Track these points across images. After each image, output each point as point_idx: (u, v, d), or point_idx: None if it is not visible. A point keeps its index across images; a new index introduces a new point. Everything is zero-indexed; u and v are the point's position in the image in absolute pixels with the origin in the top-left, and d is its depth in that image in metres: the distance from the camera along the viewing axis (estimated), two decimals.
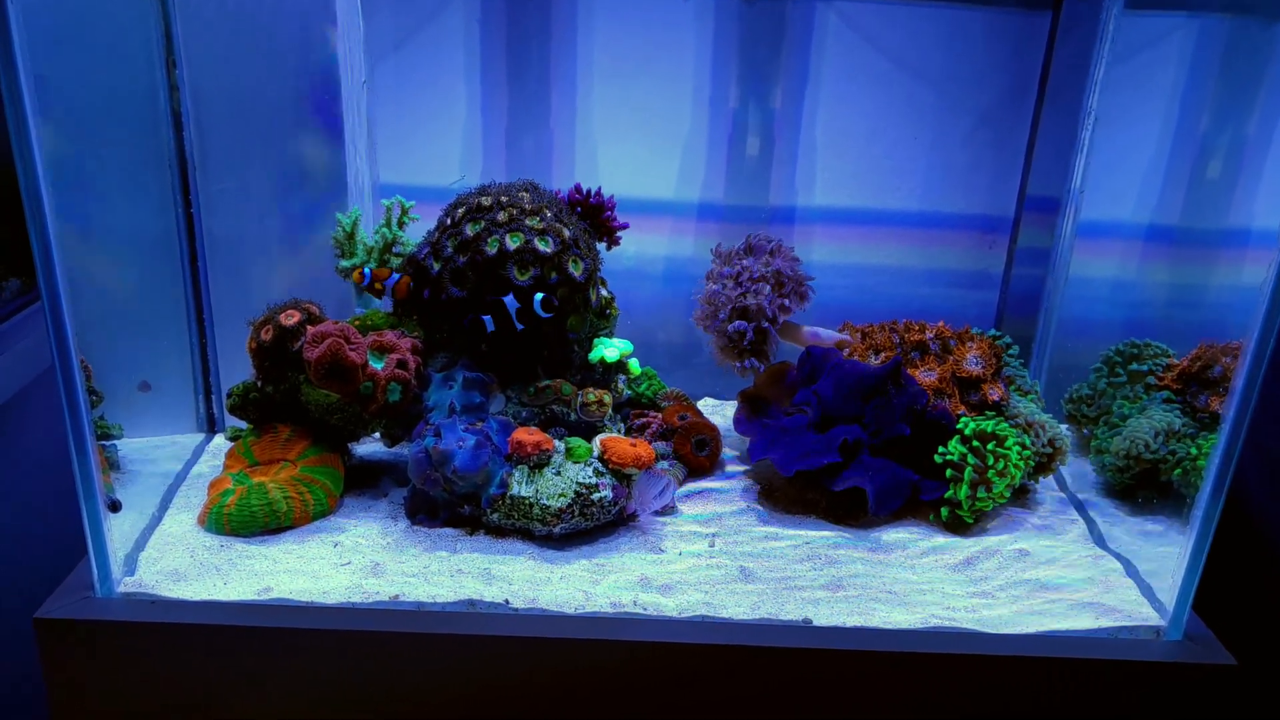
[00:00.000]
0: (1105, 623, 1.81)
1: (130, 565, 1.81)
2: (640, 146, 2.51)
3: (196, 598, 1.73)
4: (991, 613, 1.82)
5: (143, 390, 2.25)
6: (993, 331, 2.47)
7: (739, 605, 1.78)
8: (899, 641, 1.72)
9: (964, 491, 2.03)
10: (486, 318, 1.98)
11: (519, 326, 1.98)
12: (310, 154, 2.36)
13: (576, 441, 1.98)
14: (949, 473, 2.06)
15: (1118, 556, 2.02)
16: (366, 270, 2.13)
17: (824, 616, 1.78)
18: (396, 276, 2.13)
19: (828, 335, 2.42)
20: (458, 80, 2.47)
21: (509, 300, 2.01)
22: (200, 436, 2.37)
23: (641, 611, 1.76)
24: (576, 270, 2.04)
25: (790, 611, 1.78)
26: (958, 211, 2.65)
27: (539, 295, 1.95)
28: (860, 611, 1.80)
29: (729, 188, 2.63)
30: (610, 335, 2.25)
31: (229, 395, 2.09)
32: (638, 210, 2.29)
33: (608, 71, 2.49)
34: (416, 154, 2.57)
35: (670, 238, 2.67)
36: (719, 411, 2.56)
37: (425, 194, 2.27)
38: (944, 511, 2.06)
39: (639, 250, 2.52)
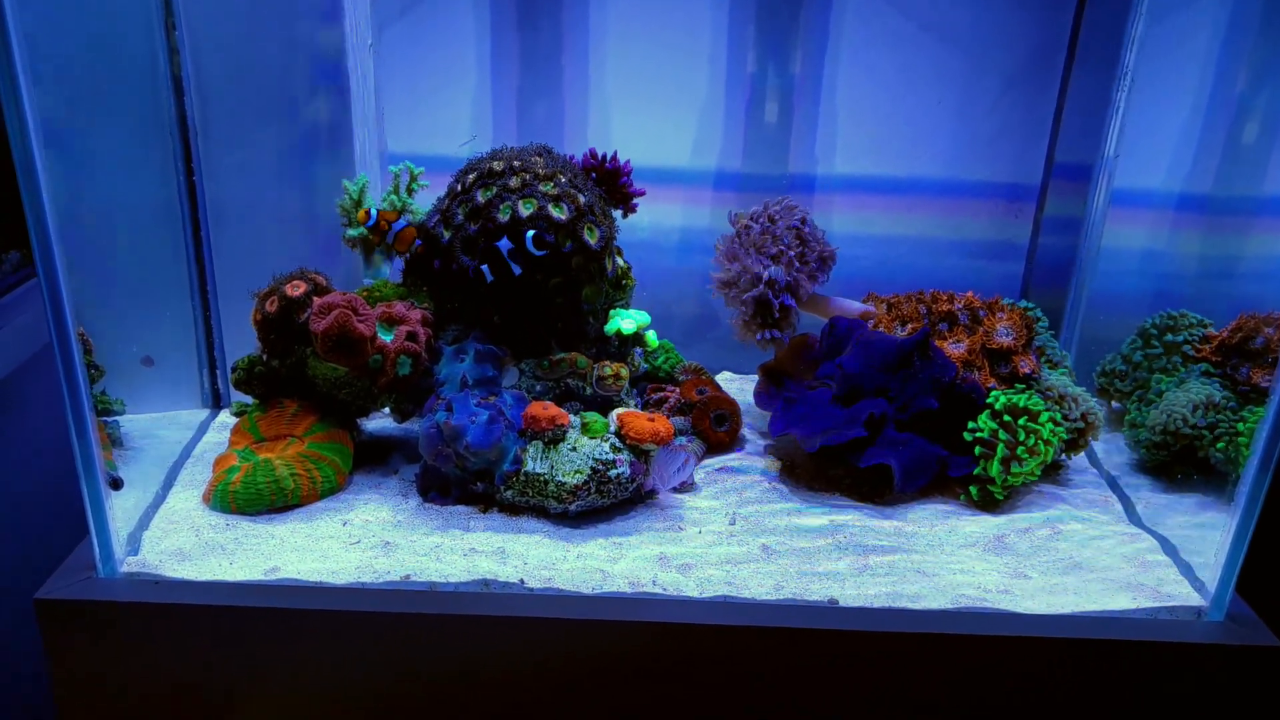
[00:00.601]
0: (1144, 603, 1.76)
1: (133, 544, 1.78)
2: (655, 113, 2.49)
3: (201, 578, 1.70)
4: (1024, 593, 1.77)
5: (146, 365, 2.21)
6: (1023, 303, 2.42)
7: (761, 585, 1.74)
8: (929, 622, 1.68)
9: (995, 468, 1.97)
10: (485, 267, 1.93)
11: (516, 270, 1.93)
12: (316, 120, 2.33)
13: (592, 416, 1.94)
14: (979, 449, 1.99)
15: (1154, 535, 1.97)
16: (373, 211, 2.07)
17: (850, 597, 1.73)
18: (404, 221, 2.09)
19: (852, 306, 2.37)
20: (467, 46, 2.43)
21: (502, 244, 1.95)
22: (205, 412, 2.34)
23: (661, 591, 1.72)
24: (592, 238, 1.99)
25: (815, 592, 1.74)
26: (982, 179, 2.60)
27: (530, 232, 1.89)
28: (888, 591, 1.75)
29: (747, 156, 2.59)
30: (627, 306, 2.21)
31: (234, 369, 2.05)
32: (652, 179, 2.25)
33: (622, 35, 2.44)
34: (425, 122, 2.53)
35: (686, 208, 2.63)
36: (738, 386, 2.52)
37: (434, 163, 2.24)
38: (974, 489, 2.02)
39: (653, 221, 2.49)
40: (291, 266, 2.03)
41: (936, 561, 1.85)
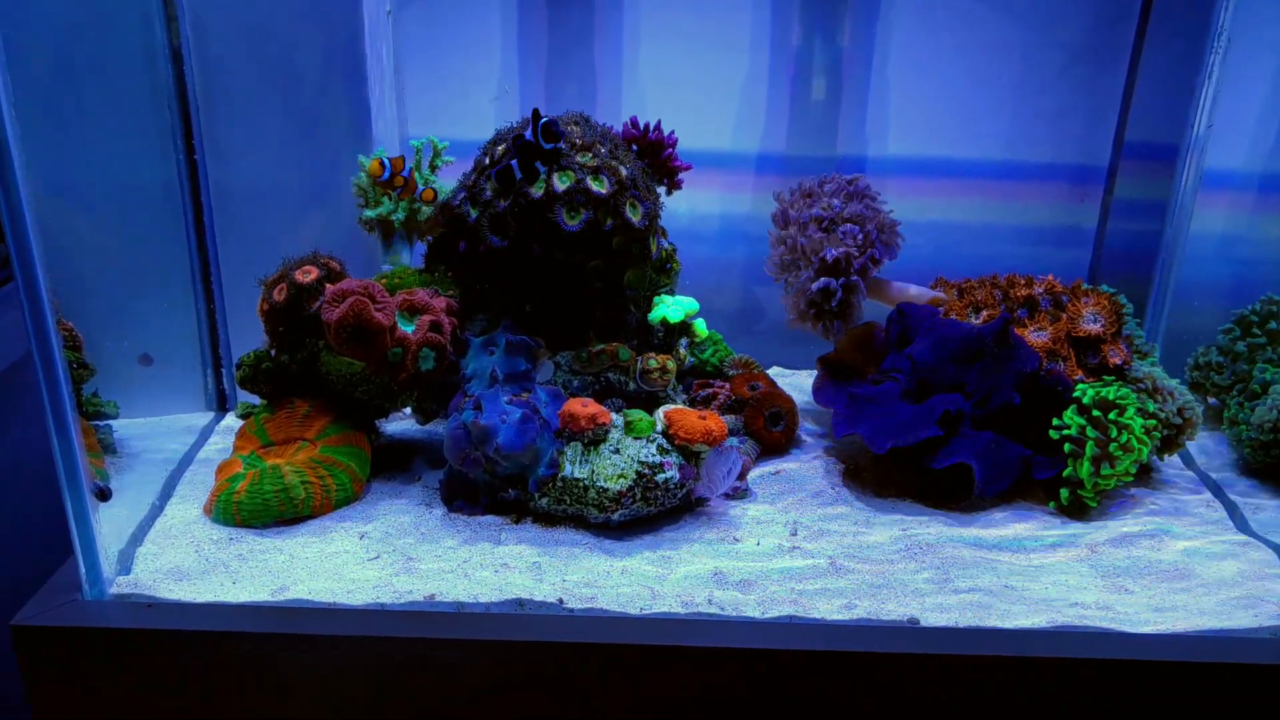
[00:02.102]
0: (1266, 621, 1.61)
1: (125, 563, 1.70)
2: (694, 92, 2.42)
3: (201, 599, 1.62)
4: (1128, 610, 1.64)
5: (143, 364, 2.15)
6: (1105, 288, 2.25)
7: (831, 604, 1.64)
8: (1023, 644, 1.56)
9: (1085, 469, 1.84)
10: (514, 163, 1.83)
11: (517, 174, 1.83)
12: (329, 92, 2.24)
13: (637, 414, 1.85)
14: (1067, 447, 1.87)
15: (1267, 544, 1.83)
16: (385, 160, 2.00)
17: (932, 616, 1.62)
18: (410, 168, 2.00)
19: (919, 292, 2.24)
20: (493, 23, 2.38)
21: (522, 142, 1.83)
22: (209, 415, 2.27)
23: (718, 612, 1.62)
24: (634, 215, 1.90)
25: (892, 610, 1.63)
26: (1045, 161, 2.51)
27: (541, 120, 1.79)
28: (974, 609, 1.64)
29: (791, 136, 2.51)
30: (672, 293, 2.12)
31: (238, 366, 1.97)
32: (691, 163, 2.18)
33: (658, 8, 2.38)
34: (447, 105, 2.43)
35: (726, 193, 2.56)
36: (790, 381, 2.43)
37: (457, 150, 2.20)
38: (1063, 493, 1.89)
39: (691, 207, 2.40)
40: (303, 252, 1.96)
41: (1025, 575, 1.73)
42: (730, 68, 2.44)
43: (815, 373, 2.24)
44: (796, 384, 2.40)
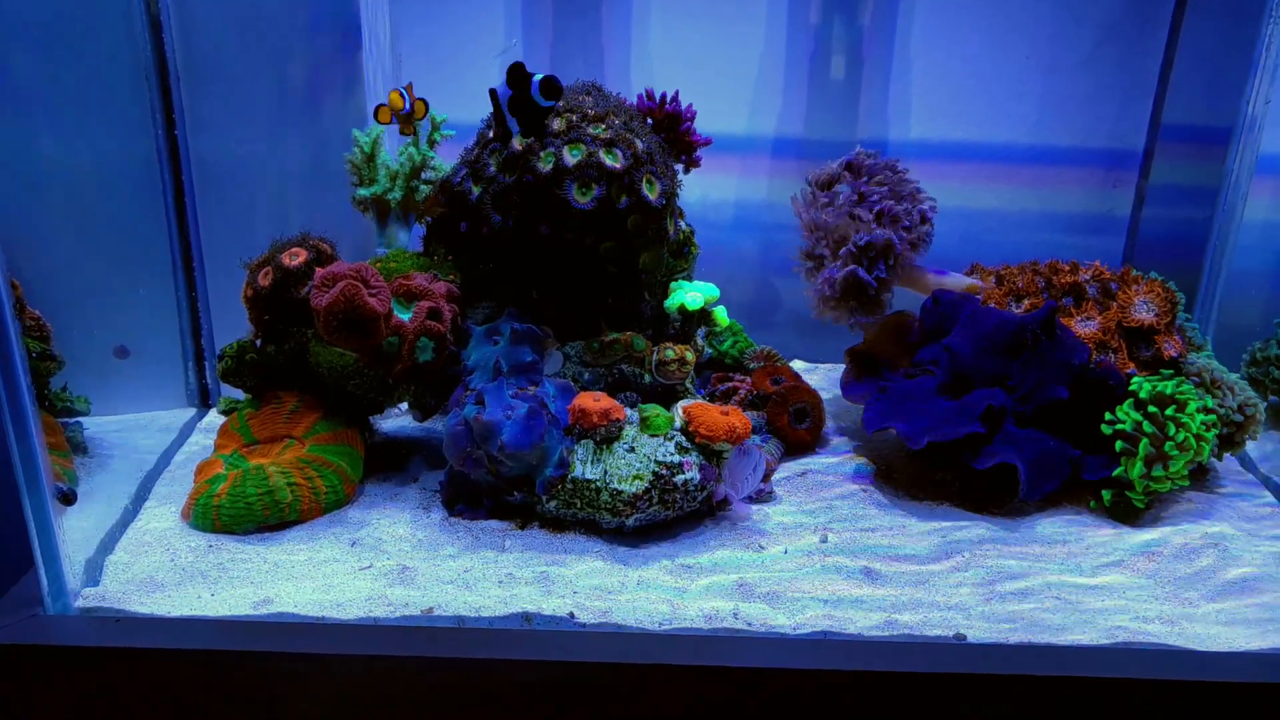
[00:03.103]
0: None
1: (93, 573, 1.65)
2: (706, 72, 2.37)
3: (176, 613, 1.57)
4: (1194, 625, 1.57)
5: (119, 356, 2.11)
6: (1154, 274, 2.18)
7: (868, 617, 1.59)
8: (1081, 662, 1.49)
9: (1138, 469, 1.78)
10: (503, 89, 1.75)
11: (514, 130, 1.75)
12: (321, 64, 2.19)
13: (653, 410, 1.81)
14: (1120, 445, 1.81)
15: None
16: (404, 92, 1.98)
17: (979, 631, 1.56)
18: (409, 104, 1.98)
19: (955, 280, 2.16)
20: None
21: (501, 90, 1.74)
22: (190, 412, 2.23)
23: (745, 627, 1.57)
24: (651, 192, 1.84)
25: (935, 625, 1.58)
26: (1076, 145, 2.50)
27: (538, 76, 1.70)
28: (1025, 624, 1.58)
29: (810, 119, 2.49)
30: (689, 278, 2.08)
31: (220, 358, 1.93)
32: (704, 148, 2.13)
33: None
34: (446, 82, 2.35)
35: (741, 179, 2.55)
36: (811, 377, 2.39)
37: (459, 134, 2.16)
38: (1107, 494, 1.84)
39: (704, 194, 2.39)
40: (292, 235, 1.91)
41: (1078, 585, 1.68)
42: (745, 45, 2.43)
43: (841, 367, 2.20)
44: (818, 378, 2.37)
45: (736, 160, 2.51)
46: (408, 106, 1.94)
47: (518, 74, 1.70)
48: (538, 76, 1.71)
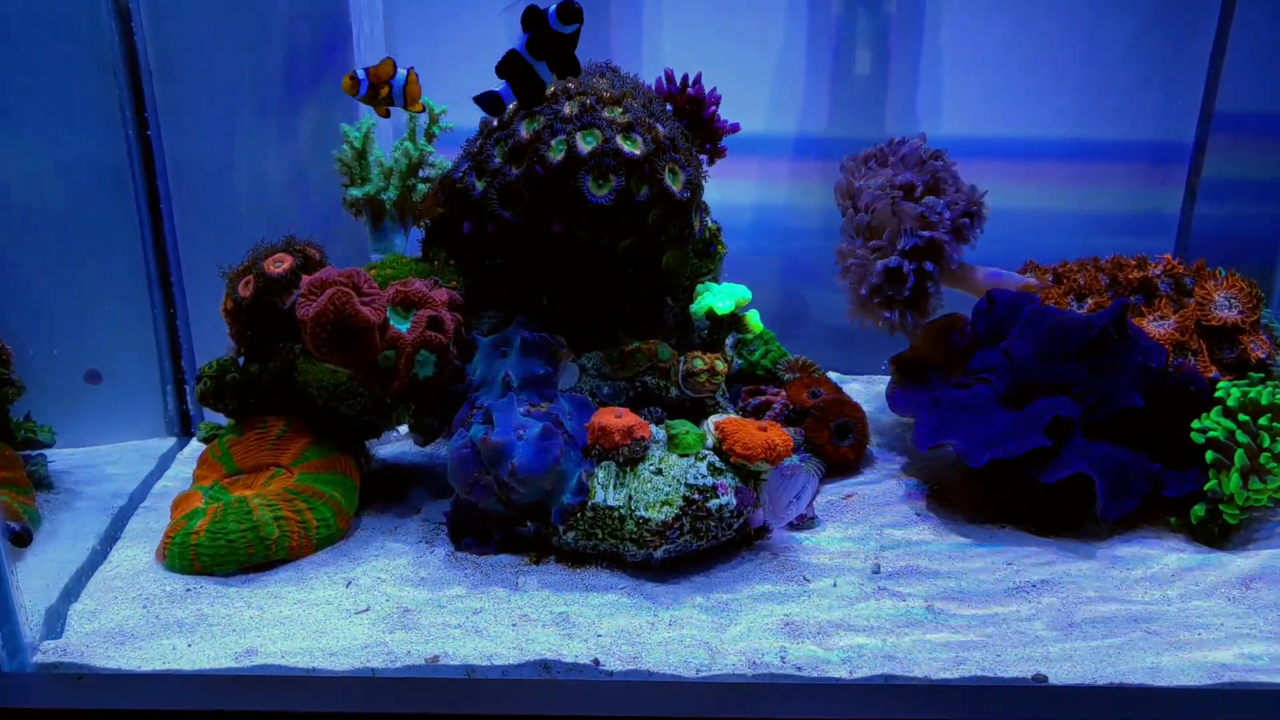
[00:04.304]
0: None
1: (54, 624, 1.59)
2: (723, 68, 2.24)
3: (148, 668, 1.50)
4: None
5: (90, 381, 2.07)
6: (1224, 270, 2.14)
7: (934, 659, 1.51)
8: (1186, 708, 1.43)
9: (1234, 481, 1.69)
10: (504, 89, 1.72)
11: (506, 100, 1.70)
12: (307, 55, 2.15)
13: (682, 426, 1.76)
14: (1211, 455, 1.72)
15: None
16: (360, 73, 1.85)
17: (1061, 671, 1.48)
18: (404, 74, 1.86)
19: (1007, 278, 2.09)
20: None
21: (518, 43, 1.66)
22: (170, 441, 2.19)
23: (795, 672, 1.49)
24: (675, 183, 1.76)
25: (1011, 665, 1.49)
26: (1118, 138, 2.45)
27: (552, 7, 1.65)
28: (1112, 662, 1.50)
29: (834, 117, 2.45)
30: (716, 280, 2.05)
31: (199, 379, 1.90)
32: (738, 122, 2.08)
33: None
34: (442, 80, 2.31)
35: (760, 182, 2.51)
36: (847, 390, 2.34)
37: (455, 137, 2.07)
38: (1197, 509, 1.75)
39: (722, 197, 2.28)
40: (277, 241, 1.89)
41: (1169, 617, 1.60)
42: (763, 38, 2.40)
43: (878, 379, 2.17)
44: (855, 392, 2.32)
45: (756, 162, 2.47)
46: (364, 89, 1.84)
47: (533, 15, 1.63)
48: (552, 6, 1.65)
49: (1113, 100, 2.40)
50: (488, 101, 1.73)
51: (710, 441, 1.75)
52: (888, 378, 2.17)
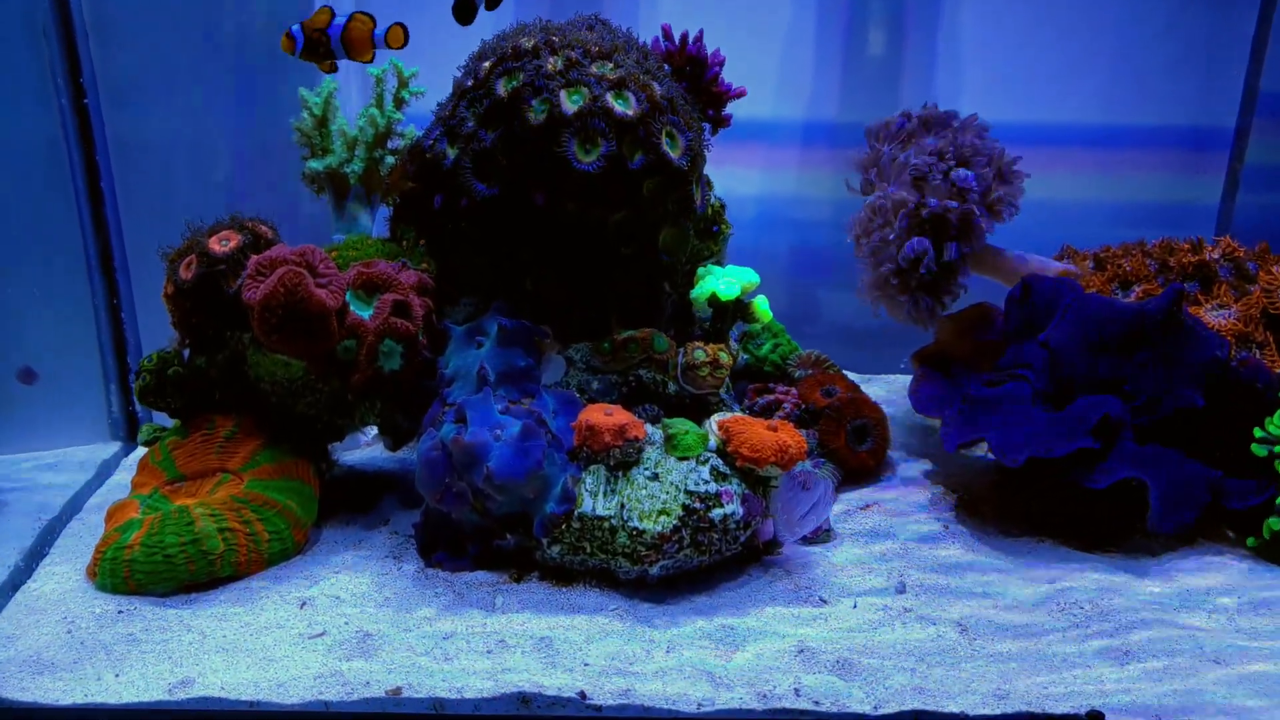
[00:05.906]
0: None
1: None
2: (728, 51, 2.18)
3: (67, 700, 1.43)
4: None
5: (24, 381, 2.02)
6: None
7: (971, 692, 1.43)
8: None
9: None
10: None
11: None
12: (263, 14, 2.10)
13: (681, 425, 1.69)
14: None
15: None
16: (295, 29, 1.75)
17: (1119, 706, 1.40)
18: (341, 21, 1.75)
19: (1042, 264, 2.04)
20: None
21: None
22: (114, 446, 2.13)
23: (811, 707, 1.42)
24: (673, 149, 1.68)
25: (1059, 697, 1.42)
26: (1151, 124, 2.45)
27: None
28: (1178, 699, 1.42)
29: (845, 101, 2.43)
30: (720, 263, 1.99)
31: (138, 373, 1.81)
32: (725, 135, 2.05)
33: None
34: (418, 45, 2.24)
35: (766, 171, 2.49)
36: (866, 391, 2.28)
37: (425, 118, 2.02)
38: (1273, 522, 1.65)
39: (726, 188, 2.23)
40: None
41: (1236, 645, 1.52)
42: (771, 20, 2.40)
43: (896, 379, 2.19)
44: (873, 394, 2.24)
45: (762, 150, 2.45)
46: (299, 45, 1.72)
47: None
48: None
49: (1146, 83, 2.39)
50: (459, 6, 1.62)
51: (713, 442, 1.69)
52: (907, 378, 2.12)
